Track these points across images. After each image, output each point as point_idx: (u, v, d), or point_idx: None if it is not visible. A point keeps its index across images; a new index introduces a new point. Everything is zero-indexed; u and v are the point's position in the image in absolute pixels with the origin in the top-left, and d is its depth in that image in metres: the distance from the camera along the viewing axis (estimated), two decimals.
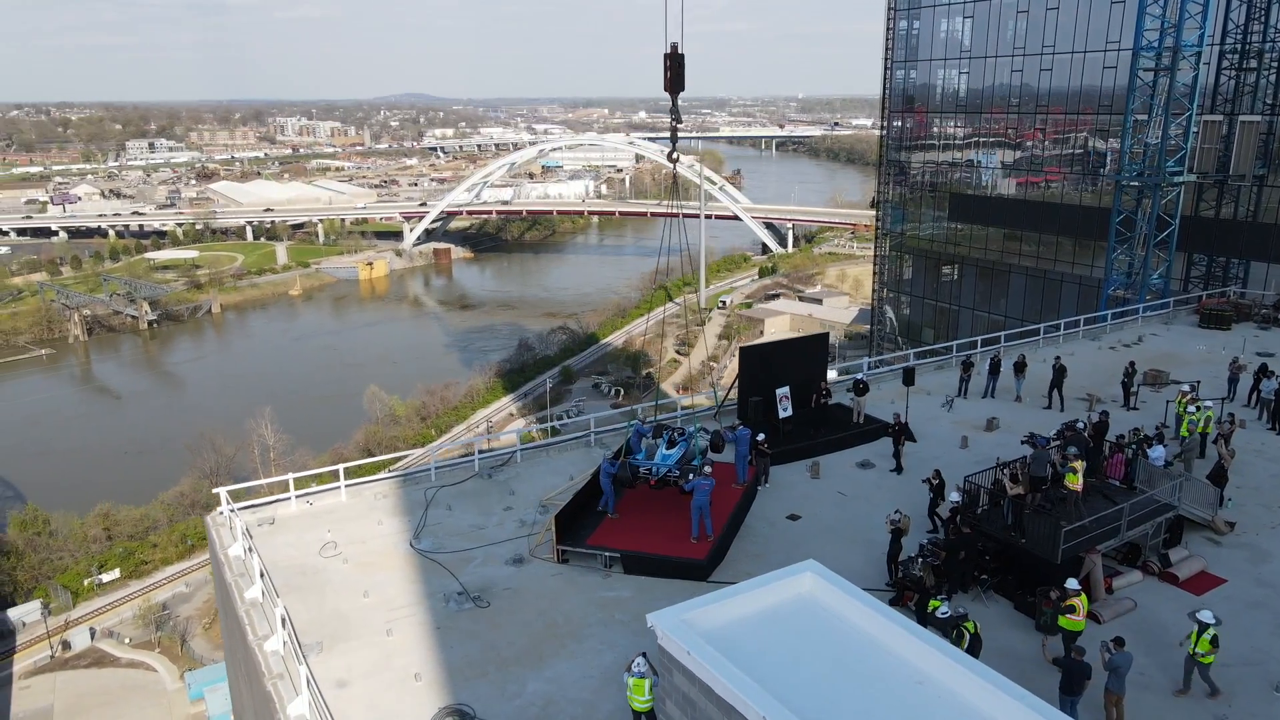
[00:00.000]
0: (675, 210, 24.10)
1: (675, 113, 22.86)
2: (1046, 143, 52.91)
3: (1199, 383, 28.58)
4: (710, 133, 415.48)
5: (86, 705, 64.74)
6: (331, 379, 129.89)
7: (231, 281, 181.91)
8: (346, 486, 23.48)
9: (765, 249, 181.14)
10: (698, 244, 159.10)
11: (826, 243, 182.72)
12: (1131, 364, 30.11)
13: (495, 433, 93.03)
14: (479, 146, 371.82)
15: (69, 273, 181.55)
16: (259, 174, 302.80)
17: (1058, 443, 21.36)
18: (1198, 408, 25.30)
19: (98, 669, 69.32)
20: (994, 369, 30.76)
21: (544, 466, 25.65)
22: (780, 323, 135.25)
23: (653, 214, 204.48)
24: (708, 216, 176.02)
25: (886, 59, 59.80)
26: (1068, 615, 16.41)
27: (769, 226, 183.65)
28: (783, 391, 26.25)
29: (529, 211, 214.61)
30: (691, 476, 21.07)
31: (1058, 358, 30.08)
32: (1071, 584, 16.71)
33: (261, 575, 19.57)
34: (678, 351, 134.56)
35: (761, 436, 23.68)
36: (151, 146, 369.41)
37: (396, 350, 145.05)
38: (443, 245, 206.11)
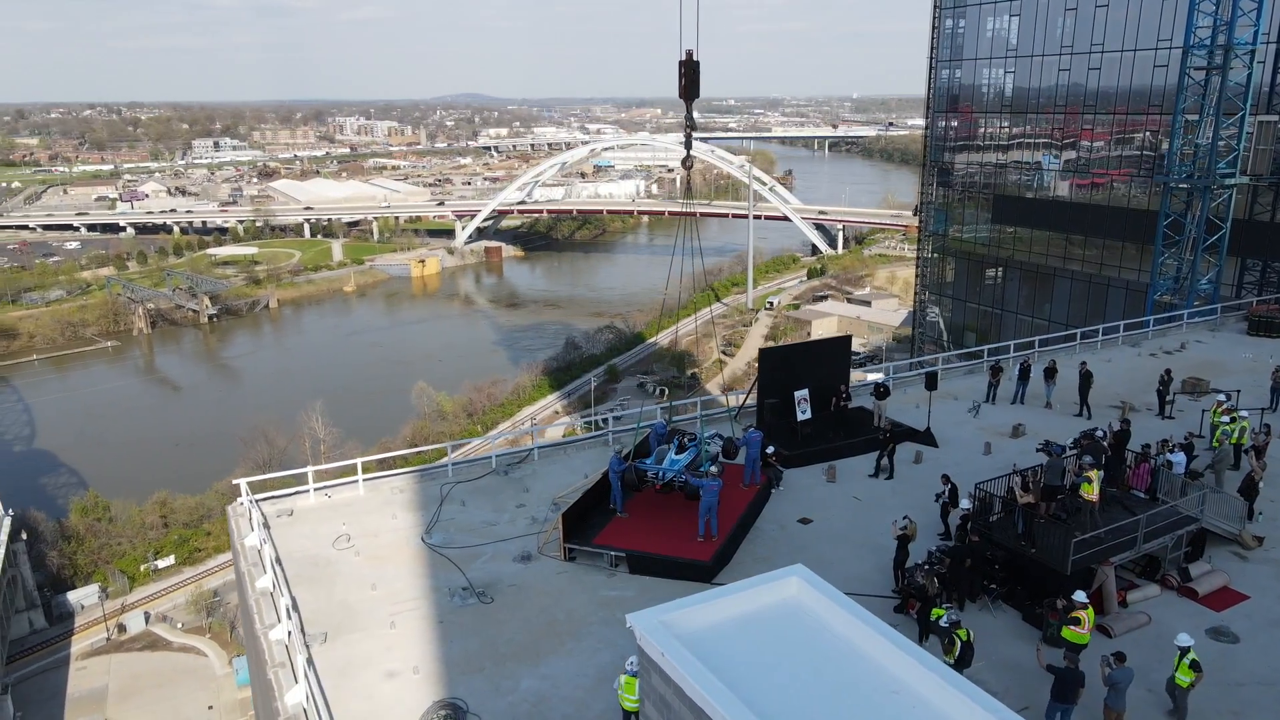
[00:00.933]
0: (690, 210, 24.03)
1: (689, 119, 22.83)
2: (1094, 144, 51.58)
3: (1237, 392, 27.71)
4: (763, 133, 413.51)
5: (139, 687, 66.78)
6: (381, 374, 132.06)
7: (288, 277, 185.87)
8: (364, 480, 23.93)
9: (815, 250, 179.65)
10: (749, 244, 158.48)
11: (877, 244, 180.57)
12: (1167, 371, 29.26)
13: (540, 425, 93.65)
14: (532, 146, 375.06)
15: (135, 267, 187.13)
16: (318, 172, 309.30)
17: (1074, 451, 20.86)
18: (1232, 418, 24.52)
19: (151, 652, 71.47)
20: (1023, 374, 30.15)
21: (561, 465, 25.82)
22: (828, 325, 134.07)
23: (702, 214, 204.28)
24: (757, 217, 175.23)
25: (932, 58, 58.93)
26: (1071, 627, 16.05)
27: (819, 228, 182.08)
28: (801, 394, 26.05)
29: (579, 210, 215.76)
30: (703, 477, 21.05)
31: (1084, 363, 29.35)
32: (1079, 596, 16.33)
33: (275, 565, 20.08)
34: (723, 352, 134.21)
35: (771, 449, 23.57)
36: (216, 145, 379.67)
37: (445, 347, 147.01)
38: (494, 243, 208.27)
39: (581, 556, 20.62)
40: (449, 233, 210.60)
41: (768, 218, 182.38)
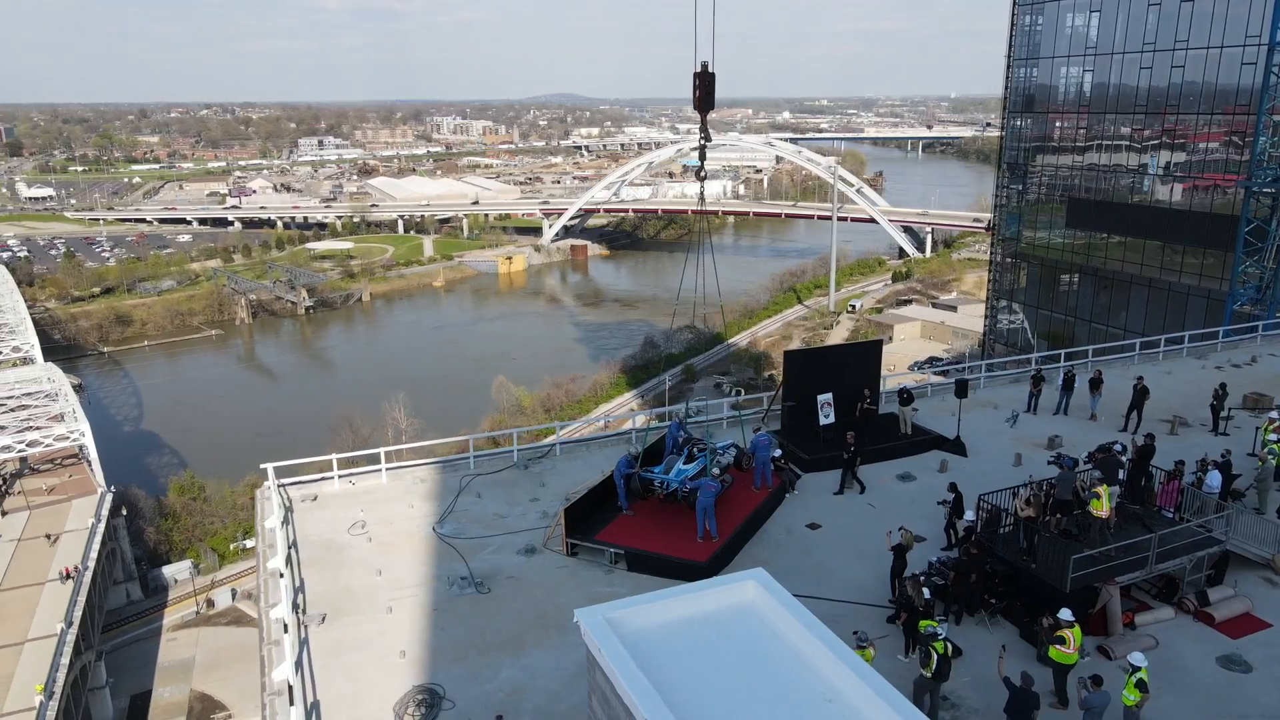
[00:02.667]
0: (698, 211, 23.95)
1: (704, 131, 22.72)
2: (1176, 145, 49.10)
3: None
4: (854, 133, 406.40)
5: (223, 660, 69.92)
6: (463, 368, 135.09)
7: (381, 272, 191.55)
8: (387, 469, 24.72)
9: (901, 253, 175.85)
10: (832, 246, 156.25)
11: (966, 248, 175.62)
12: (1222, 385, 27.80)
13: (611, 416, 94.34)
14: (622, 145, 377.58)
15: (240, 260, 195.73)
16: (414, 170, 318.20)
17: (1088, 465, 20.08)
18: None
19: (236, 627, 74.70)
20: (1067, 384, 29.07)
21: (581, 461, 26.14)
22: (910, 329, 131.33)
23: (787, 215, 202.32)
24: (842, 219, 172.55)
25: (1009, 57, 57.10)
26: (1057, 646, 15.54)
27: (907, 230, 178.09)
28: (824, 398, 25.74)
29: (664, 210, 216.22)
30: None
31: (1140, 378, 28.08)
32: (1065, 614, 15.79)
33: (291, 547, 20.98)
34: None
35: (779, 453, 23.35)
36: (320, 144, 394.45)
37: (527, 343, 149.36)
38: (580, 242, 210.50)
39: (584, 552, 20.88)
40: (537, 230, 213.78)
41: (854, 220, 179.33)
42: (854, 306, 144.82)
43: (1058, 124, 55.89)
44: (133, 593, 77.78)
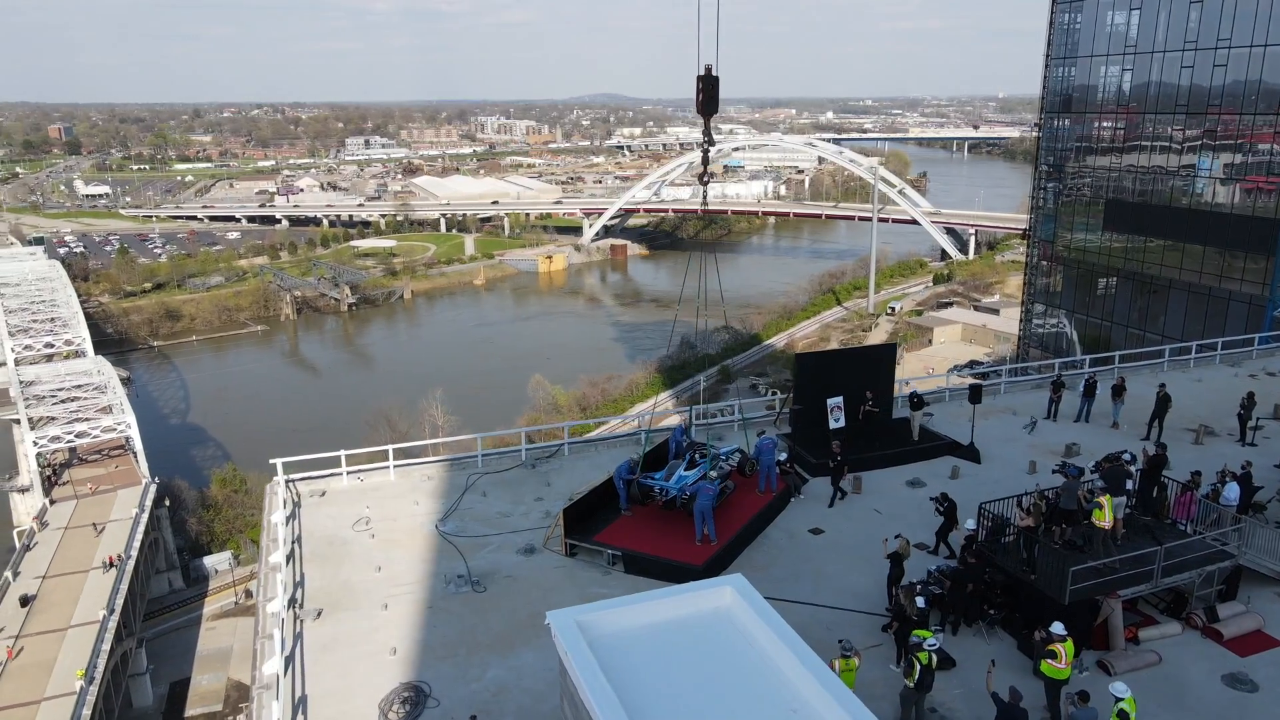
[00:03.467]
0: (704, 210, 23.72)
1: (707, 135, 22.50)
2: (1217, 146, 47.70)
3: None
4: (899, 134, 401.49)
5: None
6: (501, 366, 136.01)
7: (423, 270, 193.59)
8: (395, 466, 24.95)
9: (944, 255, 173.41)
10: (872, 247, 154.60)
11: (1010, 250, 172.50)
12: (1249, 394, 26.95)
13: (651, 411, 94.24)
14: (664, 145, 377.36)
15: (286, 257, 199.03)
16: (457, 169, 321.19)
17: (1094, 474, 19.59)
18: None
19: None
20: (1089, 391, 28.38)
21: (588, 461, 26.14)
22: (951, 332, 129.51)
23: (827, 216, 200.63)
24: (884, 220, 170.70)
25: (1047, 56, 55.93)
26: (1049, 661, 15.18)
27: (950, 232, 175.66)
28: (835, 401, 25.42)
29: (703, 210, 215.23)
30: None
31: (1162, 385, 27.31)
32: (1056, 628, 15.42)
33: (295, 542, 21.27)
34: None
35: (784, 456, 23.09)
36: (367, 143, 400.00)
37: (564, 341, 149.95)
38: (619, 241, 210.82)
39: (583, 553, 20.87)
40: (577, 230, 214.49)
41: (895, 221, 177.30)
42: (893, 309, 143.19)
43: (1096, 124, 54.65)
44: (174, 582, 79.48)
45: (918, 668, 14.68)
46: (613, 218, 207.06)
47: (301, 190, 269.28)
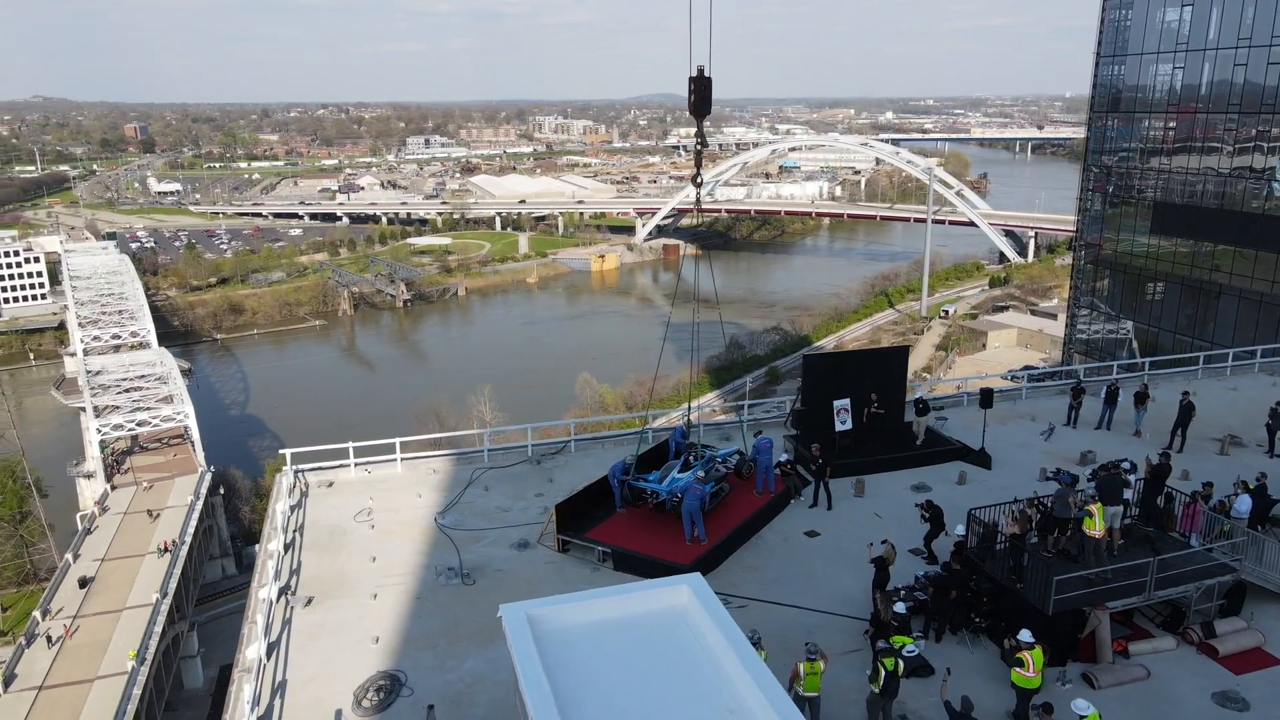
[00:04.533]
0: (699, 209, 23.61)
1: (700, 137, 22.38)
2: (1271, 148, 45.83)
3: None
4: (960, 134, 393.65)
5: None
6: (550, 363, 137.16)
7: (477, 268, 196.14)
8: (403, 459, 25.37)
9: (1002, 258, 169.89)
10: (926, 249, 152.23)
11: (1071, 253, 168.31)
12: (1278, 404, 25.92)
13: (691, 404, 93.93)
14: (719, 145, 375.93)
15: (345, 254, 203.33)
16: (514, 169, 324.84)
17: (1090, 482, 19.07)
18: None
19: None
20: (1110, 398, 27.57)
21: (593, 458, 26.22)
22: (1006, 336, 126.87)
23: (882, 217, 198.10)
24: (940, 222, 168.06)
25: (1097, 54, 54.37)
26: (1017, 669, 14.89)
27: (1008, 234, 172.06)
28: (841, 404, 25.13)
29: (757, 211, 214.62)
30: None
31: (1186, 393, 26.41)
32: (1024, 635, 15.13)
33: (297, 531, 21.78)
34: None
35: (785, 457, 22.90)
36: (427, 142, 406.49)
37: (614, 340, 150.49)
38: (672, 241, 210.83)
39: (575, 549, 20.98)
40: (630, 229, 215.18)
41: (952, 223, 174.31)
42: (947, 312, 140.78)
43: (1145, 124, 52.96)
44: (227, 568, 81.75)
45: (882, 673, 14.48)
46: (666, 217, 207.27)
47: (362, 188, 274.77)
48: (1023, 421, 28.47)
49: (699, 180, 23.58)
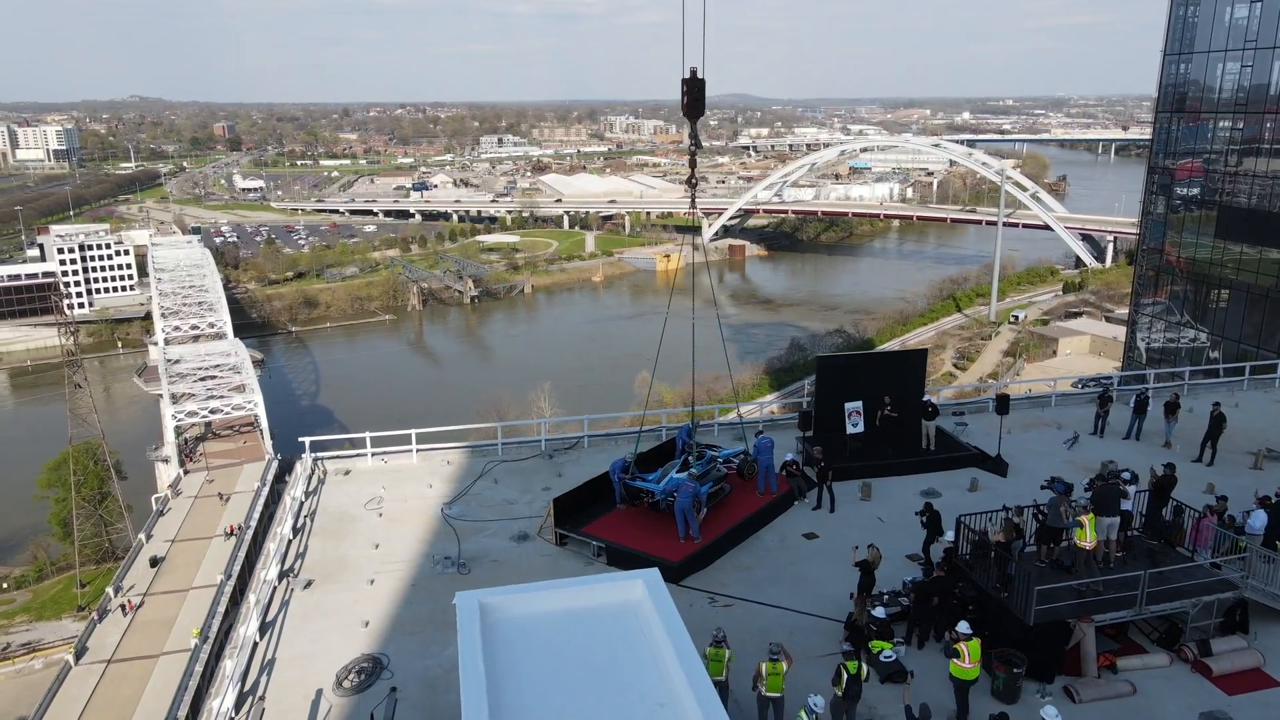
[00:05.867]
0: (691, 210, 23.56)
1: (694, 138, 22.46)
2: None
3: None
4: (1039, 135, 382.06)
5: None
6: (611, 361, 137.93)
7: (544, 265, 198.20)
8: (418, 450, 26.00)
9: (1078, 263, 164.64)
10: (996, 253, 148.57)
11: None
12: None
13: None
14: (790, 146, 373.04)
15: (416, 250, 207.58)
16: (584, 168, 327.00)
17: (1087, 492, 18.53)
18: None
19: None
20: (1139, 408, 26.68)
21: (606, 454, 26.39)
22: (1078, 343, 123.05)
23: (953, 220, 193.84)
24: (1013, 225, 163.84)
25: (1164, 52, 52.35)
26: (953, 660, 14.99)
27: (1086, 238, 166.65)
28: (853, 406, 24.87)
29: (824, 212, 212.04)
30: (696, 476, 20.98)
31: (1217, 404, 25.40)
32: (962, 627, 15.28)
33: (309, 517, 22.54)
34: (955, 365, 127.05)
35: (790, 457, 22.79)
36: (500, 141, 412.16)
37: (677, 339, 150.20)
38: (738, 241, 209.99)
39: (572, 543, 21.26)
40: (697, 229, 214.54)
41: (1026, 226, 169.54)
42: (1016, 317, 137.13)
43: (1211, 125, 50.85)
44: None
45: (844, 676, 14.40)
46: (732, 218, 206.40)
47: (435, 186, 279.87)
48: (1048, 429, 27.77)
49: (693, 181, 23.62)
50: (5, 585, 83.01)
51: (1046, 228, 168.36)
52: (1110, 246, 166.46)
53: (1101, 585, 16.76)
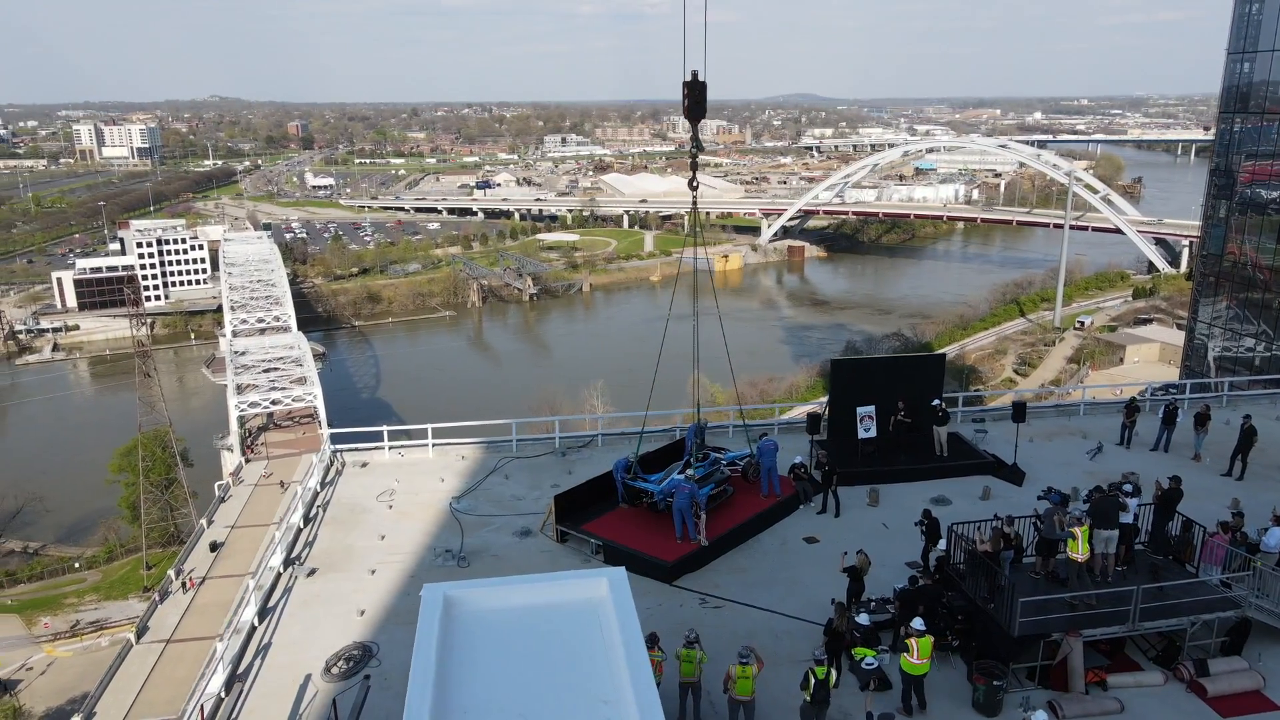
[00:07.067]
0: (694, 210, 23.49)
1: (695, 141, 22.40)
2: None
3: None
4: (1115, 136, 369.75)
5: None
6: (666, 360, 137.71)
7: (602, 264, 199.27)
8: (434, 445, 26.51)
9: (1151, 268, 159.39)
10: (1062, 256, 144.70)
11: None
12: None
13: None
14: (854, 147, 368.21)
15: (478, 248, 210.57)
16: (645, 167, 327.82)
17: (1085, 504, 18.05)
18: None
19: None
20: (1168, 418, 25.82)
21: (619, 453, 26.48)
22: (1147, 351, 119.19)
23: (1019, 222, 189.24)
24: (1082, 228, 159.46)
25: (1229, 50, 50.39)
26: (904, 654, 15.17)
27: (1159, 242, 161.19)
28: (865, 411, 24.60)
29: (885, 214, 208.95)
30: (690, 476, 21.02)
31: (1247, 417, 24.44)
32: (916, 623, 15.26)
33: (323, 506, 23.18)
34: (1016, 371, 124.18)
35: (799, 459, 22.65)
36: (563, 141, 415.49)
37: (732, 341, 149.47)
38: (797, 243, 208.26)
39: (573, 540, 21.48)
40: (756, 230, 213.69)
41: (1095, 229, 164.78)
42: (1082, 323, 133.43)
43: (1276, 125, 48.77)
44: None
45: (812, 682, 14.33)
46: (792, 219, 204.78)
47: (499, 185, 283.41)
48: (1073, 438, 27.08)
49: (695, 184, 23.63)
50: (77, 565, 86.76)
51: (1118, 231, 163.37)
52: (1185, 251, 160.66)
53: (1094, 599, 16.35)
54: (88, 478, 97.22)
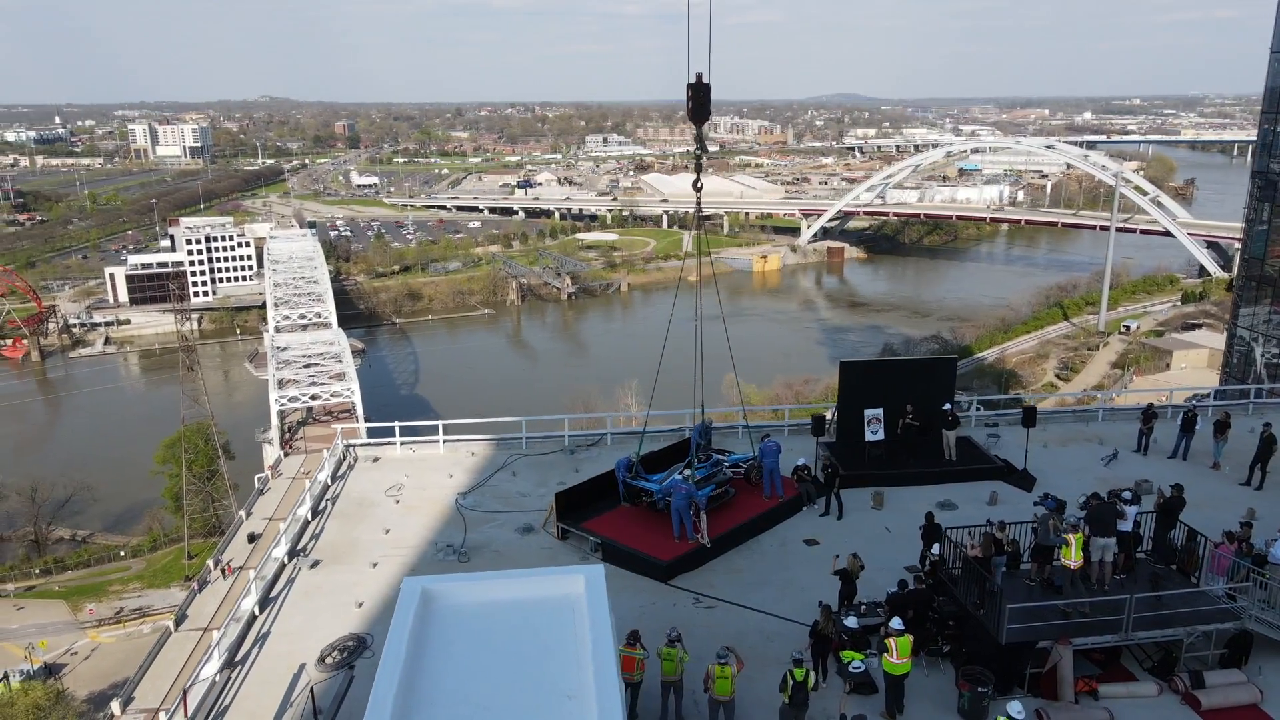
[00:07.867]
0: (697, 213, 23.49)
1: (700, 143, 22.39)
2: None
3: None
4: (1168, 136, 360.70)
5: None
6: (694, 362, 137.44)
7: (641, 264, 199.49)
8: (445, 441, 26.85)
9: (1202, 271, 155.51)
10: (1108, 259, 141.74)
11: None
12: None
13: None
14: (897, 147, 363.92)
15: (518, 247, 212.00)
16: (686, 167, 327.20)
17: (1083, 510, 17.75)
18: None
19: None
20: (1187, 425, 25.25)
21: (628, 451, 26.61)
22: (1194, 357, 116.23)
23: (1064, 225, 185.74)
24: (1131, 231, 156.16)
25: (1272, 49, 49.05)
26: (885, 655, 15.12)
27: (1211, 245, 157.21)
28: (873, 413, 24.42)
29: (926, 215, 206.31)
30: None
31: (1267, 425, 23.82)
32: (895, 623, 15.23)
33: (332, 500, 23.62)
34: (1058, 375, 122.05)
35: (802, 461, 22.57)
36: (605, 141, 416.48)
37: (770, 342, 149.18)
38: (837, 244, 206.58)
39: (573, 537, 21.64)
40: (796, 230, 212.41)
41: (1144, 232, 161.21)
42: (1128, 327, 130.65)
43: None
44: None
45: (790, 683, 14.31)
46: (832, 219, 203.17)
47: (540, 184, 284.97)
48: (1089, 444, 26.61)
49: (699, 185, 23.63)
50: (123, 554, 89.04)
51: (1167, 234, 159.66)
52: (1238, 255, 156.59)
53: (1088, 607, 16.11)
54: (134, 468, 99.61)
